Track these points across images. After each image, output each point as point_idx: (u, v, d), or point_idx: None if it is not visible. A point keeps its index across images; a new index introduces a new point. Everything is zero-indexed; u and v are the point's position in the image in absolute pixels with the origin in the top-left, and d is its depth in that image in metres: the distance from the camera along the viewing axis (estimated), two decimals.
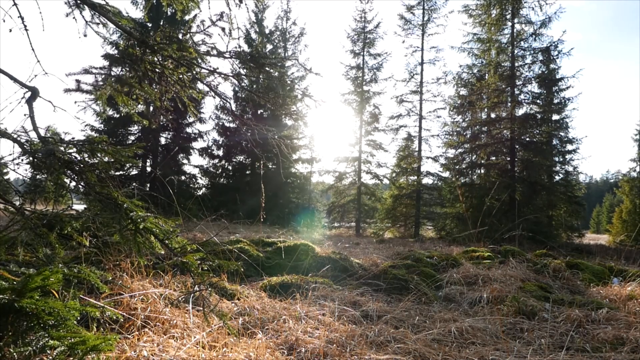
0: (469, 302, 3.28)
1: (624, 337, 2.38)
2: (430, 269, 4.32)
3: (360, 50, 19.13)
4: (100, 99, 2.81)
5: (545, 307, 3.06)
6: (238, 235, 6.40)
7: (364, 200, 19.21)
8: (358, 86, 18.99)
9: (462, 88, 16.64)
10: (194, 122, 18.00)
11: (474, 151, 15.92)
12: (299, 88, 19.04)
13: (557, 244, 11.97)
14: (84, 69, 2.67)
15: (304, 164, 20.28)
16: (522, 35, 14.62)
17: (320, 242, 8.50)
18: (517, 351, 2.16)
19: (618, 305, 3.20)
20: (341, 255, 4.53)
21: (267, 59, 3.15)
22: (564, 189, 14.57)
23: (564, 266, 4.57)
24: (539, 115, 14.57)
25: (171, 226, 2.17)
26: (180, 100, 3.06)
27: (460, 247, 7.78)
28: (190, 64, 2.79)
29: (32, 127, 2.14)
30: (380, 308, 2.87)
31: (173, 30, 2.76)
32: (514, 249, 5.48)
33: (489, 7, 15.02)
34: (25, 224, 2.12)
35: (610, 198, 46.62)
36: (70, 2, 2.63)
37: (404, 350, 2.07)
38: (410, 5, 18.15)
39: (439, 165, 17.81)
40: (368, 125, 19.06)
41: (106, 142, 2.12)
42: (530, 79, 14.74)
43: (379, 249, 8.01)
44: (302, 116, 3.63)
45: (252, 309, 2.58)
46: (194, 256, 2.14)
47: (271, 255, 4.43)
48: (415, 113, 18.17)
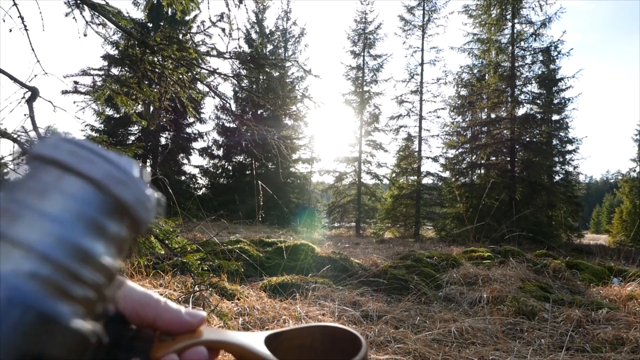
0: (468, 302, 3.28)
1: (624, 337, 2.38)
2: (430, 269, 4.32)
3: (360, 51, 19.13)
4: (99, 100, 2.81)
5: (545, 307, 3.06)
6: (238, 235, 6.40)
7: (364, 200, 19.20)
8: (358, 87, 18.99)
9: (462, 88, 16.64)
10: (194, 122, 18.01)
11: (473, 151, 15.92)
12: (299, 89, 19.03)
13: (557, 244, 11.96)
14: (82, 71, 2.67)
15: (303, 164, 20.28)
16: (522, 36, 14.62)
17: (320, 242, 8.51)
18: (517, 351, 2.16)
19: (618, 305, 3.20)
20: (341, 255, 4.53)
21: (267, 59, 3.15)
22: (563, 189, 14.55)
23: (564, 266, 4.57)
24: (539, 115, 14.57)
25: (171, 226, 2.17)
26: (179, 100, 3.06)
27: (460, 247, 7.78)
28: (190, 64, 2.79)
29: (32, 127, 2.14)
30: (380, 308, 2.87)
31: (173, 30, 2.76)
32: (514, 249, 5.48)
33: (489, 7, 15.01)
34: None
35: (610, 198, 46.61)
36: (70, 2, 2.63)
37: (404, 350, 2.07)
38: (411, 6, 18.15)
39: (439, 165, 17.81)
40: (368, 125, 19.06)
41: (106, 142, 2.12)
42: (530, 79, 14.74)
43: (379, 249, 8.01)
44: (302, 116, 3.63)
45: (252, 309, 2.58)
46: (194, 256, 2.14)
47: (271, 255, 4.43)
48: (416, 113, 18.17)
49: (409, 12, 18.21)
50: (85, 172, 0.24)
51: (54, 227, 0.22)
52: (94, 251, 0.24)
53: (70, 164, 0.24)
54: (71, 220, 0.23)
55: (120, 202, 0.25)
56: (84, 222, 0.23)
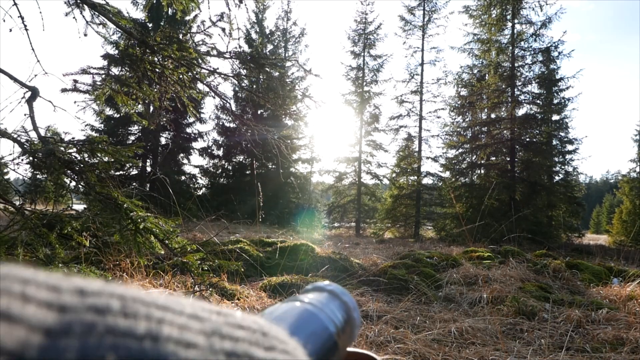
0: (468, 302, 3.28)
1: (623, 337, 2.38)
2: (430, 269, 4.32)
3: (360, 51, 19.13)
4: (99, 99, 2.81)
5: (545, 307, 3.05)
6: (238, 235, 6.40)
7: (364, 200, 19.20)
8: (358, 87, 18.99)
9: (462, 88, 16.63)
10: (194, 122, 18.01)
11: (474, 151, 15.92)
12: (299, 88, 18.96)
13: (557, 244, 11.97)
14: (82, 69, 2.67)
15: (304, 164, 20.28)
16: (523, 36, 14.61)
17: (320, 242, 8.51)
18: (517, 351, 2.16)
19: (618, 305, 3.20)
20: (341, 255, 4.53)
21: (267, 59, 3.15)
22: (564, 189, 14.55)
23: (564, 266, 4.57)
24: (539, 115, 14.56)
25: (171, 226, 2.17)
26: (180, 100, 3.06)
27: (460, 247, 7.78)
28: (191, 64, 2.79)
29: (32, 126, 2.14)
30: (380, 308, 2.87)
31: (173, 30, 2.76)
32: (514, 249, 5.48)
33: (489, 7, 15.01)
34: (25, 224, 2.12)
35: (610, 198, 46.60)
36: (70, 1, 2.63)
37: (404, 350, 2.07)
38: (411, 7, 18.15)
39: (439, 165, 17.80)
40: (368, 125, 19.06)
41: (106, 142, 2.12)
42: (530, 79, 14.73)
43: (378, 249, 8.01)
44: (302, 116, 3.63)
45: (252, 309, 2.58)
46: (194, 256, 2.14)
47: (271, 255, 4.43)
48: (416, 113, 18.17)
49: (410, 12, 18.21)
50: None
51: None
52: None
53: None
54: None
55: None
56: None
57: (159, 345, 0.14)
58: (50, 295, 0.13)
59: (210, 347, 0.15)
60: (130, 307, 0.14)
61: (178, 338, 0.15)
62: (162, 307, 0.15)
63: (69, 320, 0.12)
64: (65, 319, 0.12)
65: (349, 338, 0.31)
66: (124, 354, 0.13)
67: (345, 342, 0.30)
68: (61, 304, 0.13)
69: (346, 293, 0.32)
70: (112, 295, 0.14)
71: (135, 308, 0.14)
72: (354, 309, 0.32)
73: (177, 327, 0.15)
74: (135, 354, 0.13)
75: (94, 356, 0.12)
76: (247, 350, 0.17)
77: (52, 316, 0.12)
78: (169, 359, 0.14)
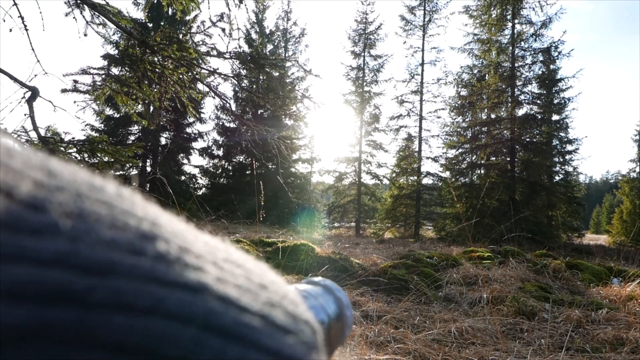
0: (468, 303, 3.28)
1: (623, 337, 2.38)
2: (430, 269, 4.31)
3: (361, 52, 19.13)
4: (99, 99, 2.82)
5: (545, 307, 3.05)
6: (238, 235, 6.40)
7: (364, 200, 19.20)
8: (359, 87, 18.99)
9: (462, 88, 16.63)
10: (194, 122, 18.02)
11: (473, 151, 15.92)
12: (299, 89, 19.02)
13: (557, 245, 11.96)
14: (82, 69, 2.67)
15: (303, 164, 20.29)
16: (523, 36, 14.61)
17: (320, 242, 8.50)
18: (517, 351, 2.16)
19: (618, 305, 3.20)
20: (341, 255, 4.53)
21: (267, 59, 3.15)
22: (564, 189, 14.55)
23: (564, 266, 4.57)
24: (539, 115, 14.56)
25: None
26: (179, 100, 3.06)
27: (460, 247, 7.78)
28: (190, 64, 2.79)
29: (33, 126, 2.14)
30: (380, 308, 2.87)
31: (173, 30, 2.76)
32: (514, 249, 5.48)
33: (490, 7, 15.01)
34: None
35: (610, 198, 46.60)
36: (70, 2, 2.63)
37: (404, 350, 2.07)
38: (412, 6, 18.14)
39: (439, 165, 17.80)
40: (368, 125, 19.06)
41: (106, 142, 2.13)
42: (530, 79, 14.73)
43: (378, 249, 8.01)
44: (302, 116, 3.63)
45: None
46: None
47: (271, 255, 4.43)
48: (416, 113, 18.17)
49: (410, 12, 18.21)
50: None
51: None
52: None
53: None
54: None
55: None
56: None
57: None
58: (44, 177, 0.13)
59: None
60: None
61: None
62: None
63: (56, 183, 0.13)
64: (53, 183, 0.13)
65: (339, 335, 0.30)
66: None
67: (336, 338, 0.29)
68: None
69: (340, 290, 0.32)
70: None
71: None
72: (347, 307, 0.31)
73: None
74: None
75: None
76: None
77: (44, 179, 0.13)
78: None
